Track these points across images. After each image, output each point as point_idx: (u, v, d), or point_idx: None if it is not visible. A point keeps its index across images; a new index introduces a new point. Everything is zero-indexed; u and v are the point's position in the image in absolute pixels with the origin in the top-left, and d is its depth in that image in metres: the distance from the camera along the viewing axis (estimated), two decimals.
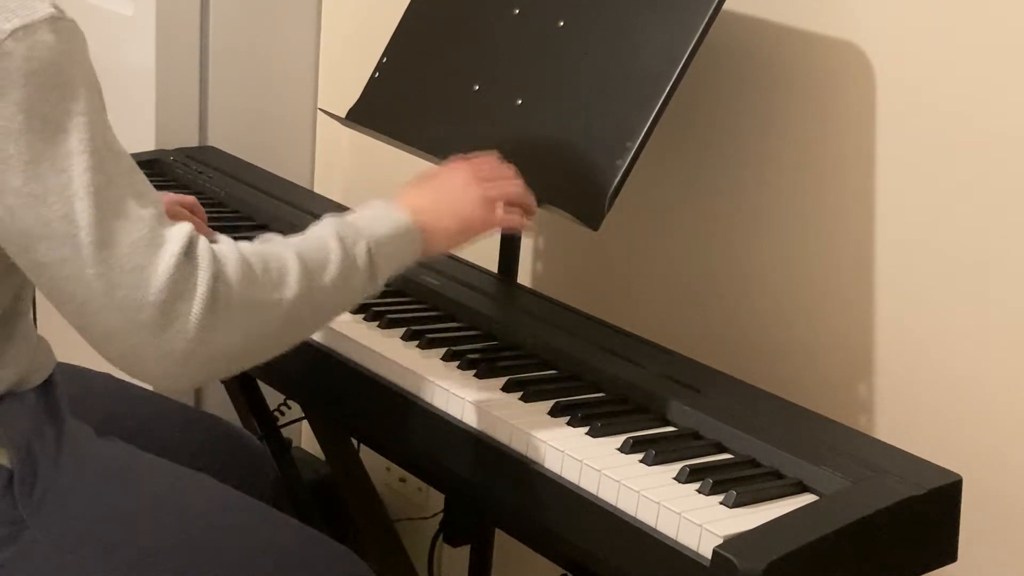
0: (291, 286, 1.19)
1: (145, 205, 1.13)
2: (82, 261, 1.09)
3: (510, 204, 1.40)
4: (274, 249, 1.21)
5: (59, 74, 1.10)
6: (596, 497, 1.22)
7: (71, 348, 1.60)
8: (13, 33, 1.08)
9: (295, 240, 1.24)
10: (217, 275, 1.13)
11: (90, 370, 1.61)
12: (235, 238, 1.75)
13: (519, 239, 1.75)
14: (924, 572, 1.26)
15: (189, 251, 1.13)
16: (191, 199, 1.80)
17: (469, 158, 1.43)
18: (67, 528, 1.32)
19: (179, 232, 1.13)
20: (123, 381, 1.67)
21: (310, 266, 1.21)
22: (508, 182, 1.41)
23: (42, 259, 1.11)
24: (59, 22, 1.11)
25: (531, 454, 1.29)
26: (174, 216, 1.76)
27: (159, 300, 1.10)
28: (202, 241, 1.15)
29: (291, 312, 1.19)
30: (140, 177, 1.16)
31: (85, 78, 1.13)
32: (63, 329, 1.54)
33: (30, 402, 1.33)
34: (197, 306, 1.11)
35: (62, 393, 1.38)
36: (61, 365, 1.43)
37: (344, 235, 1.26)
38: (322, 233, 1.26)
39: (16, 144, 1.08)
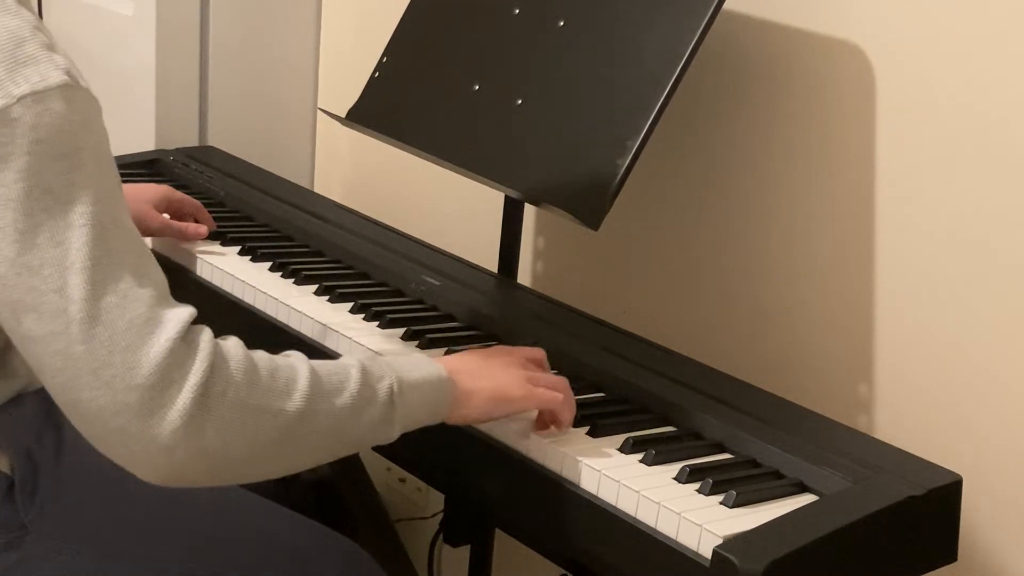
0: (296, 400, 1.11)
1: (145, 285, 1.07)
2: (71, 337, 1.04)
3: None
4: (289, 360, 1.15)
5: (67, 144, 1.05)
6: (596, 497, 1.22)
7: None
8: (22, 99, 1.04)
9: (318, 361, 1.17)
10: (215, 367, 1.07)
11: None
12: (235, 238, 1.77)
13: (519, 239, 1.75)
14: (924, 572, 1.26)
15: (188, 337, 1.07)
16: (196, 203, 1.80)
17: (519, 348, 1.36)
18: (69, 533, 1.32)
19: (179, 315, 1.07)
20: None
21: (323, 386, 1.14)
22: (552, 377, 1.32)
23: (31, 332, 1.05)
24: (72, 91, 1.06)
25: (531, 454, 1.29)
26: (178, 216, 1.77)
27: (148, 384, 1.04)
28: (206, 331, 1.09)
29: (290, 427, 1.11)
30: (147, 257, 1.10)
31: (95, 149, 1.08)
32: None
33: (30, 407, 1.33)
34: (187, 395, 1.05)
35: None
36: None
37: (370, 368, 1.18)
38: (348, 360, 1.19)
39: (14, 213, 1.03)
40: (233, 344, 1.11)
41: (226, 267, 1.67)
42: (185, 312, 1.08)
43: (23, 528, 1.30)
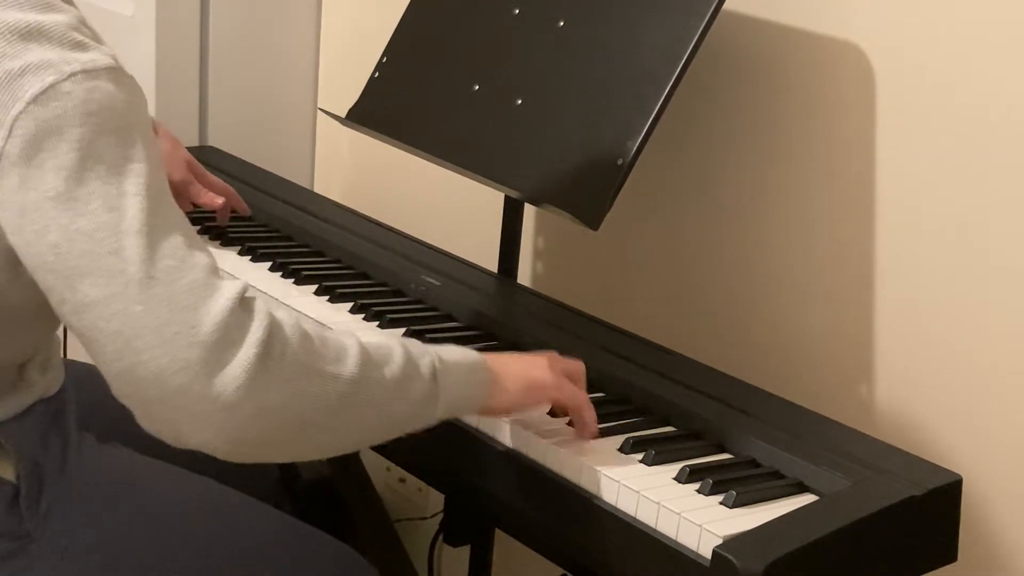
0: (349, 366, 1.11)
1: (198, 253, 1.08)
2: (129, 297, 1.04)
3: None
4: (335, 333, 1.15)
5: (118, 119, 1.08)
6: (596, 497, 1.22)
7: (75, 348, 1.60)
8: (72, 76, 1.07)
9: (361, 338, 1.16)
10: (273, 330, 1.07)
11: (96, 367, 1.61)
12: (235, 238, 1.76)
13: (519, 239, 1.75)
14: (924, 572, 1.26)
15: (245, 302, 1.08)
16: (230, 188, 1.80)
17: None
18: (73, 540, 1.32)
19: (235, 283, 1.09)
20: None
21: (372, 357, 1.14)
22: (581, 384, 1.32)
23: (87, 298, 1.05)
24: (120, 73, 1.10)
25: (531, 454, 1.29)
26: (210, 194, 1.75)
27: (212, 340, 1.04)
28: (260, 298, 1.10)
29: (346, 392, 1.11)
30: (195, 233, 1.12)
31: (143, 131, 1.11)
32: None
33: (38, 413, 1.33)
34: (249, 351, 1.05)
35: (70, 399, 1.38)
36: (74, 365, 1.42)
37: (410, 346, 1.19)
38: (387, 340, 1.19)
39: (67, 181, 1.05)
40: (286, 313, 1.12)
41: (226, 267, 1.67)
42: (240, 281, 1.09)
43: (27, 536, 1.30)
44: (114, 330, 1.05)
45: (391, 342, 1.18)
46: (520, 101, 1.60)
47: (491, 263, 1.75)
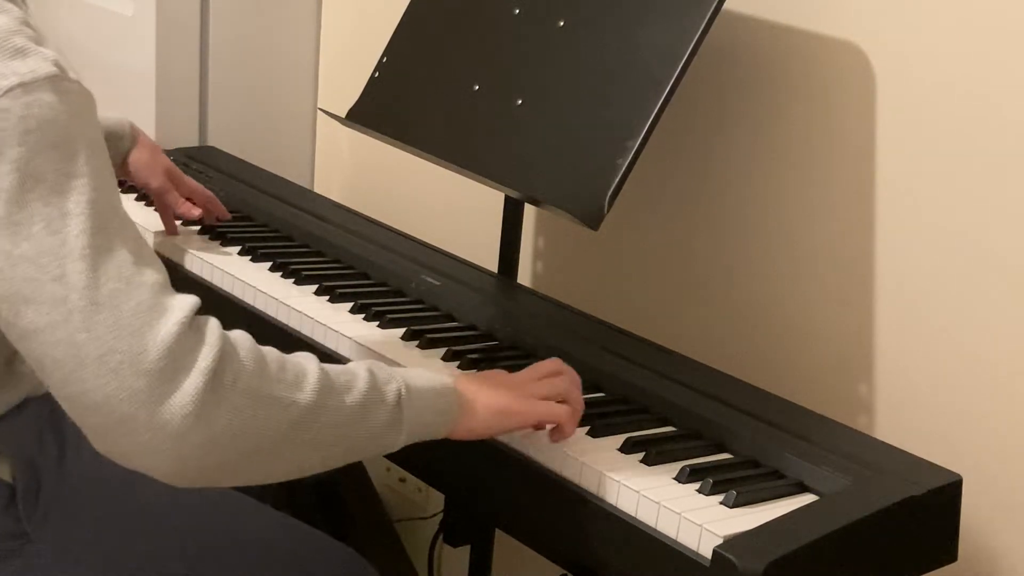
0: (306, 392, 1.09)
1: (146, 272, 1.05)
2: (73, 326, 1.01)
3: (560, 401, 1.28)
4: (296, 357, 1.13)
5: (58, 134, 1.03)
6: (596, 497, 1.22)
7: None
8: (10, 91, 1.02)
9: (324, 364, 1.14)
10: (224, 354, 1.05)
11: None
12: (235, 238, 1.76)
13: (519, 239, 1.75)
14: (924, 572, 1.26)
15: (195, 323, 1.05)
16: (209, 194, 1.80)
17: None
18: (70, 539, 1.32)
19: (185, 302, 1.05)
20: None
21: (332, 382, 1.11)
22: (560, 384, 1.29)
23: (31, 325, 1.02)
24: (61, 82, 1.04)
25: (531, 454, 1.29)
26: (187, 204, 1.76)
27: (158, 368, 1.01)
28: (212, 319, 1.07)
29: (300, 421, 1.08)
30: (146, 248, 1.08)
31: (88, 140, 1.06)
32: None
33: (32, 411, 1.33)
34: (198, 380, 1.02)
35: None
36: None
37: (376, 371, 1.16)
38: (354, 365, 1.17)
39: (7, 205, 1.01)
40: (241, 335, 1.09)
41: (226, 267, 1.67)
42: (190, 299, 1.06)
43: (25, 536, 1.30)
44: (59, 358, 1.02)
45: (357, 367, 1.15)
46: (520, 101, 1.60)
47: (491, 263, 1.75)
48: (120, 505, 1.37)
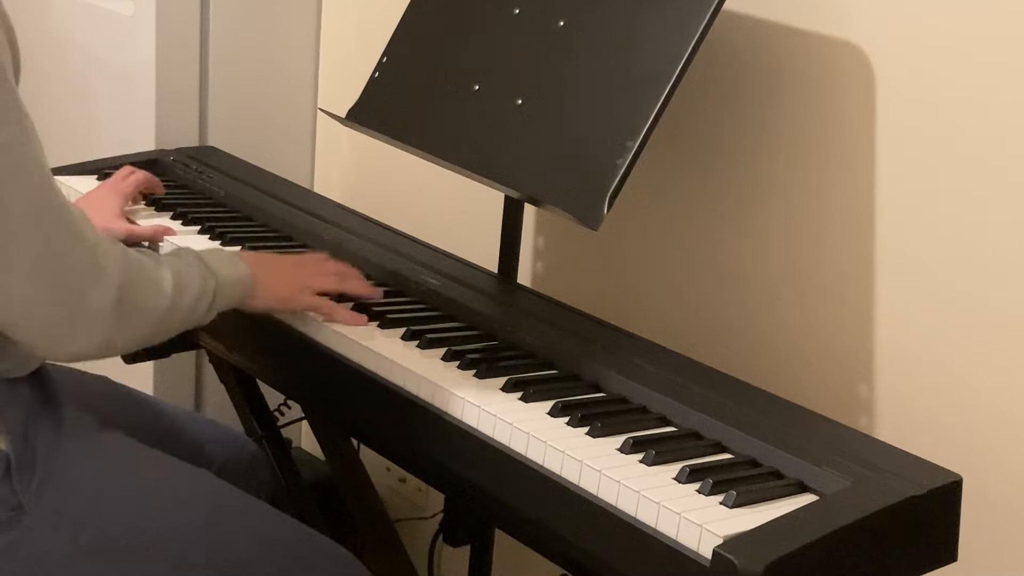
0: (165, 298, 1.37)
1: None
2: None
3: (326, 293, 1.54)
4: (150, 264, 1.38)
5: None
6: (596, 497, 1.22)
7: None
8: None
9: (168, 260, 1.41)
10: (122, 279, 1.30)
11: (87, 373, 1.62)
12: (235, 238, 1.76)
13: (519, 239, 1.75)
14: (924, 572, 1.26)
15: (96, 247, 1.28)
16: (142, 176, 1.85)
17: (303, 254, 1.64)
18: (66, 515, 1.33)
19: (89, 233, 1.28)
20: (118, 384, 1.67)
21: (179, 286, 1.38)
22: (328, 277, 1.55)
23: None
24: None
25: (531, 454, 1.29)
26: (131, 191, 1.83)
27: (72, 294, 1.25)
28: (104, 245, 1.31)
29: (161, 319, 1.37)
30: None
31: None
32: None
33: (23, 392, 1.34)
34: (108, 294, 1.28)
35: (58, 385, 1.39)
36: (58, 368, 1.44)
37: (203, 270, 1.43)
38: (188, 263, 1.43)
39: None
40: (120, 254, 1.33)
41: None
42: (94, 234, 1.29)
43: (20, 508, 1.31)
44: None
45: (190, 267, 1.42)
46: (520, 101, 1.60)
47: (491, 263, 1.75)
48: (117, 488, 1.38)
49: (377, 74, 1.79)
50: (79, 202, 1.77)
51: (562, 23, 1.60)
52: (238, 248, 1.70)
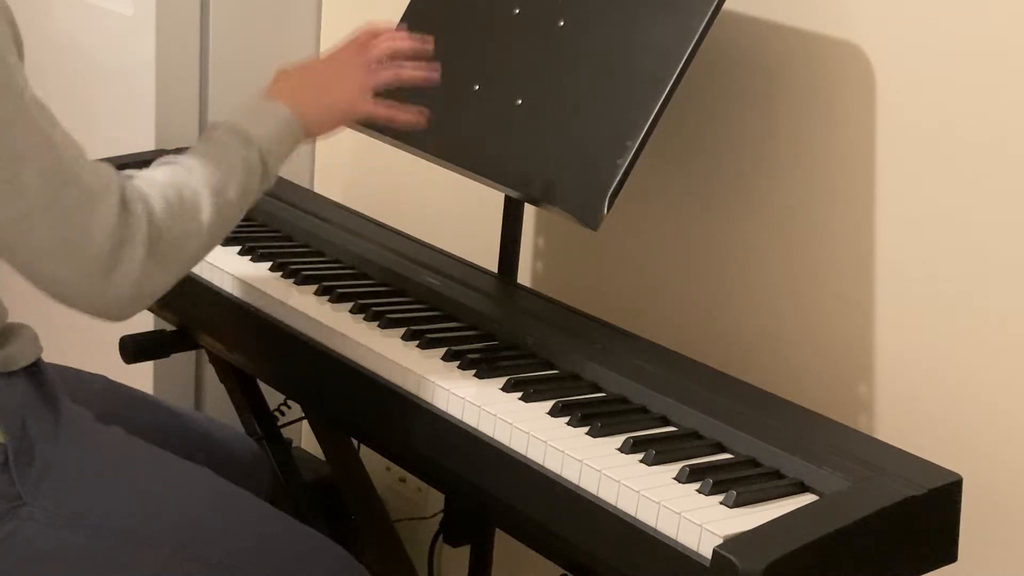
0: (206, 209, 1.30)
1: (74, 155, 1.23)
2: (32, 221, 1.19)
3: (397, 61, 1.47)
4: (182, 175, 1.31)
5: None
6: (596, 497, 1.22)
7: (66, 352, 1.60)
8: None
9: (197, 158, 1.33)
10: (151, 219, 1.24)
11: (85, 372, 1.62)
12: (235, 238, 1.76)
13: (519, 239, 1.75)
14: (924, 572, 1.26)
15: (124, 202, 1.23)
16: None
17: (360, 41, 1.50)
18: (64, 507, 1.34)
19: (111, 183, 1.23)
20: (118, 383, 1.67)
21: (217, 185, 1.31)
22: (383, 72, 1.46)
23: None
24: None
25: (531, 454, 1.29)
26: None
27: (103, 251, 1.21)
28: (130, 187, 1.25)
29: (210, 233, 1.31)
30: (59, 128, 1.25)
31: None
32: (57, 332, 1.55)
33: (20, 386, 1.34)
34: (140, 250, 1.23)
35: (55, 380, 1.39)
36: (55, 367, 1.44)
37: (239, 146, 1.35)
38: (220, 147, 1.35)
39: None
40: (146, 184, 1.27)
41: (226, 267, 1.67)
42: (114, 179, 1.24)
43: (19, 499, 1.32)
44: (23, 245, 1.21)
45: (223, 150, 1.34)
46: (520, 101, 1.60)
47: (491, 263, 1.75)
48: (116, 482, 1.39)
49: None
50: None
51: (562, 23, 1.60)
52: (272, 85, 1.51)
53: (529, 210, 1.87)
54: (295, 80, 1.46)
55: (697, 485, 1.21)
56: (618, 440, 1.29)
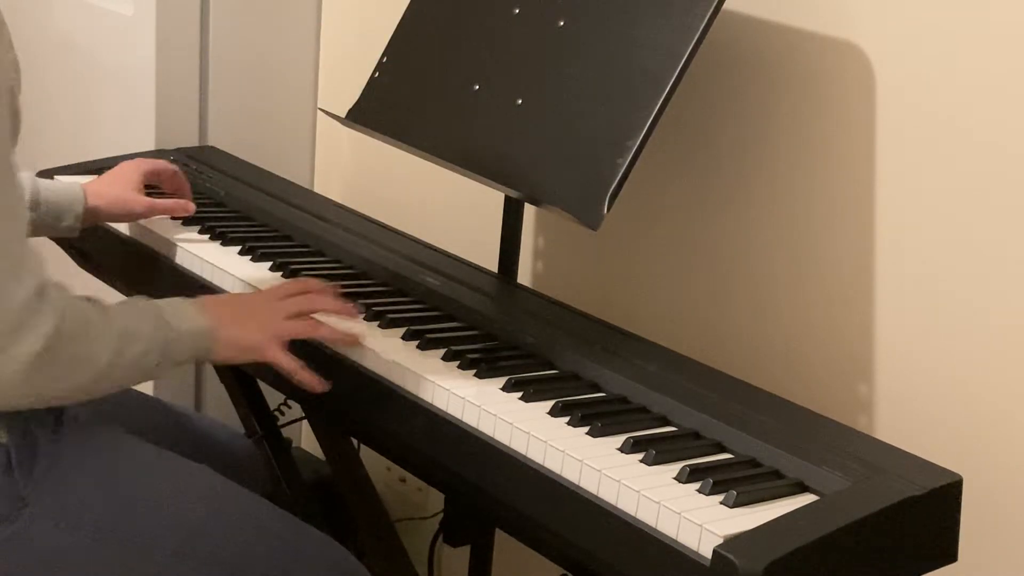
0: (106, 352, 1.31)
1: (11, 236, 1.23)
2: None
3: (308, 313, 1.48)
4: (98, 314, 1.33)
5: None
6: (596, 497, 1.22)
7: None
8: None
9: (116, 309, 1.36)
10: (58, 324, 1.25)
11: None
12: (235, 238, 1.76)
13: (519, 239, 1.75)
14: (924, 572, 1.26)
15: (41, 292, 1.25)
16: (166, 167, 1.82)
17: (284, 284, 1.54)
18: (67, 507, 1.34)
19: (38, 270, 1.25)
20: None
21: (122, 340, 1.33)
22: (304, 298, 1.48)
23: None
24: None
25: (531, 454, 1.29)
26: (154, 180, 1.80)
27: (10, 315, 1.22)
28: (54, 288, 1.26)
29: (98, 374, 1.32)
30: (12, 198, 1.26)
31: None
32: None
33: None
34: (38, 343, 1.24)
35: None
36: None
37: (153, 323, 1.37)
38: (138, 314, 1.37)
39: None
40: (66, 302, 1.28)
41: (226, 267, 1.67)
42: (38, 272, 1.25)
43: (21, 500, 1.32)
44: None
45: (143, 318, 1.36)
46: (520, 101, 1.60)
47: (491, 263, 1.75)
48: (117, 479, 1.39)
49: (377, 74, 1.79)
50: (101, 178, 1.79)
51: (562, 23, 1.60)
52: (204, 297, 1.54)
53: (529, 210, 1.87)
54: (224, 301, 1.51)
55: (697, 485, 1.21)
56: (618, 440, 1.29)
